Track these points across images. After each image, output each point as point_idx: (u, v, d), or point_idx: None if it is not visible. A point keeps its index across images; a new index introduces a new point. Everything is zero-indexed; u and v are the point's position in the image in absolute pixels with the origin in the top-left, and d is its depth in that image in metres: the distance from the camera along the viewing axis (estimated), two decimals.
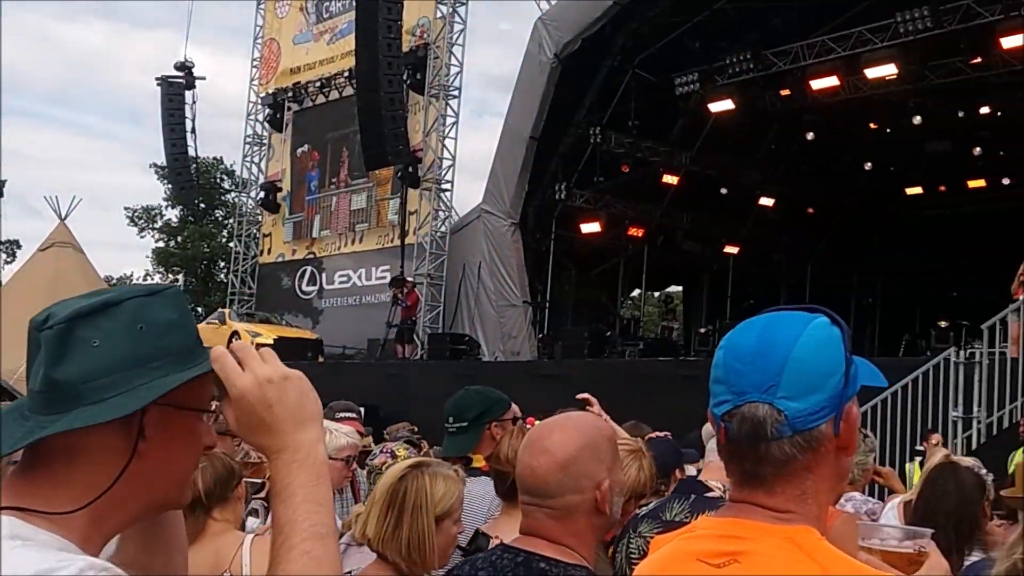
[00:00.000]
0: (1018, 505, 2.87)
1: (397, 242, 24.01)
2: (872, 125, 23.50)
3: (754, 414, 1.58)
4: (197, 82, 29.33)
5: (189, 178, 30.92)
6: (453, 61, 24.36)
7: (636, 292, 28.94)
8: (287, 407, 1.46)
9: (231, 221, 36.61)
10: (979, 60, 19.58)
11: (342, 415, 5.75)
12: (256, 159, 30.10)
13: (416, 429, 7.78)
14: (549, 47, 20.75)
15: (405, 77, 23.32)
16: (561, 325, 22.33)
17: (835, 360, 1.62)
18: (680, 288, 29.33)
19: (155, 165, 46.18)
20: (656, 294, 28.93)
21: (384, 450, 5.32)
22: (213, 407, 1.52)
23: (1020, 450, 10.65)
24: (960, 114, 21.53)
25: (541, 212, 23.12)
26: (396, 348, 21.98)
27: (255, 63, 30.03)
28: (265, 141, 29.74)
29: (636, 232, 24.89)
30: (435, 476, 3.07)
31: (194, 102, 29.42)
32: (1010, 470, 10.01)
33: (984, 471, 4.21)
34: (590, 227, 23.69)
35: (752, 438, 1.58)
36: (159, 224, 49.69)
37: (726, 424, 1.61)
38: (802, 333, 1.62)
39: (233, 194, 42.47)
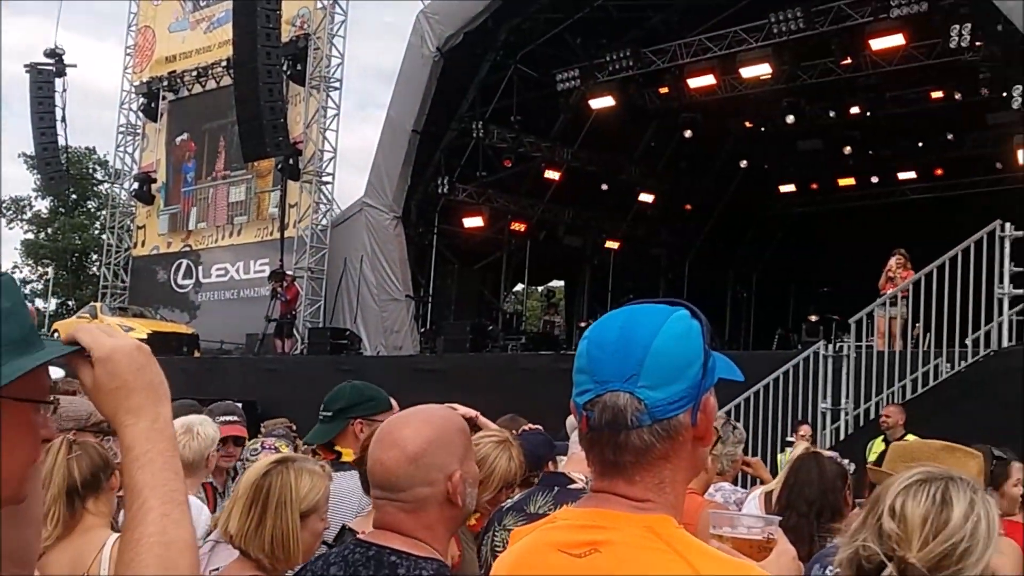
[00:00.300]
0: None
1: (277, 235, 23.66)
2: (747, 123, 24.05)
3: (615, 403, 1.60)
4: (68, 69, 28.40)
5: (59, 168, 29.89)
6: (334, 52, 24.12)
7: (519, 287, 29.09)
8: (151, 376, 1.47)
9: (104, 213, 35.62)
10: (849, 61, 20.18)
11: (223, 419, 5.44)
12: (130, 149, 29.35)
13: (294, 426, 7.66)
14: (431, 40, 20.68)
15: (285, 68, 22.98)
16: (443, 319, 22.31)
17: (694, 352, 1.65)
18: (562, 283, 29.57)
19: (24, 155, 44.66)
20: (540, 288, 29.09)
21: (267, 446, 5.22)
22: (51, 399, 1.45)
23: (879, 438, 11.03)
24: (831, 114, 22.16)
25: (424, 206, 23.05)
26: (275, 343, 21.66)
27: (129, 51, 29.24)
28: (139, 131, 28.99)
29: (518, 227, 25.02)
30: (300, 471, 3.01)
31: (64, 90, 28.49)
32: (868, 458, 10.37)
33: (846, 461, 4.34)
34: (473, 221, 23.73)
35: (613, 426, 1.60)
36: (28, 215, 48.11)
37: (588, 413, 1.63)
38: (663, 325, 1.65)
39: (106, 185, 41.26)
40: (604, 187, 25.35)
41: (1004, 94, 17.89)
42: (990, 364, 11.41)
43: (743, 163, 25.48)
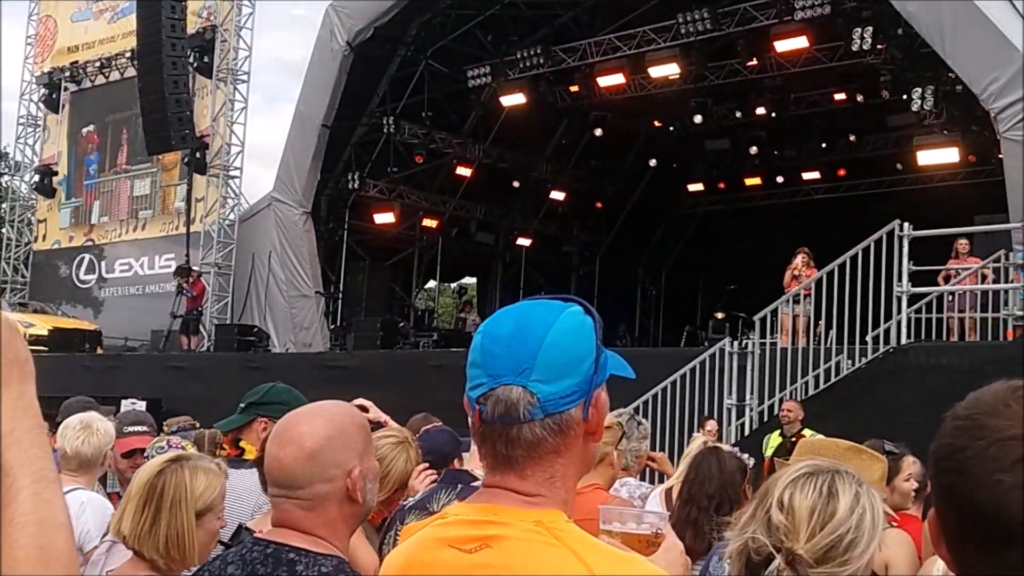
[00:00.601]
0: None
1: (183, 230, 23.22)
2: (656, 123, 24.32)
3: (508, 396, 1.61)
4: None
5: None
6: (242, 45, 23.76)
7: (431, 283, 29.02)
8: (16, 352, 1.38)
9: (3, 206, 34.60)
10: (755, 63, 20.52)
11: (132, 429, 5.14)
12: (30, 141, 28.52)
13: (198, 424, 7.54)
14: (341, 34, 20.51)
15: (191, 60, 22.59)
16: (354, 316, 22.15)
17: (587, 347, 1.67)
18: (474, 280, 29.59)
19: None
20: (452, 285, 29.06)
21: (173, 444, 5.12)
22: None
23: (775, 433, 11.26)
24: (738, 114, 22.51)
25: (334, 201, 22.87)
26: (181, 339, 21.29)
27: (29, 40, 28.43)
28: (40, 122, 28.21)
29: (430, 223, 24.97)
30: (195, 470, 2.97)
31: None
32: (765, 452, 10.59)
33: (745, 456, 4.42)
34: (384, 217, 23.61)
35: (505, 420, 1.61)
36: None
37: (480, 407, 1.64)
38: (556, 320, 1.66)
39: (5, 177, 40.11)
40: (516, 184, 25.43)
41: (904, 96, 18.35)
42: (889, 360, 11.71)
43: (652, 162, 25.75)
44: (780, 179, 25.54)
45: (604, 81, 21.41)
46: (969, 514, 1.33)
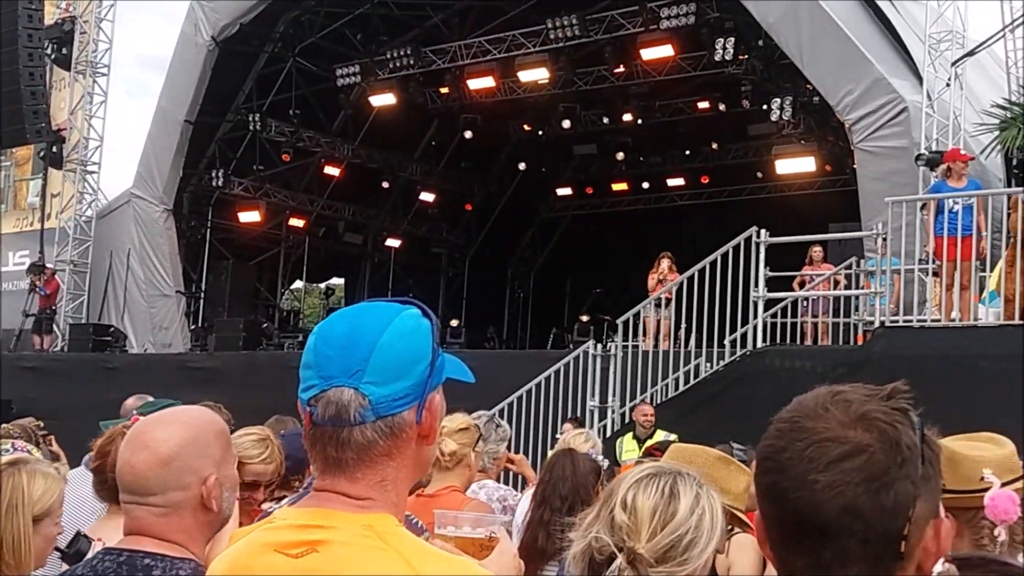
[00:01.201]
0: None
1: (37, 226, 22.40)
2: (526, 127, 24.47)
3: (339, 398, 1.59)
4: None
5: None
6: (102, 37, 22.98)
7: (297, 284, 28.61)
8: None
9: None
10: (623, 70, 20.84)
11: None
12: None
13: (42, 424, 7.25)
14: (206, 29, 20.07)
15: (49, 51, 21.80)
16: (216, 316, 21.67)
17: (422, 350, 1.66)
18: (342, 280, 29.27)
19: None
20: (321, 286, 28.67)
21: (18, 448, 4.89)
22: None
23: (628, 435, 11.46)
24: (605, 120, 22.84)
25: (197, 199, 22.36)
26: (34, 339, 20.56)
27: None
28: None
29: (297, 222, 24.61)
30: (33, 474, 2.86)
31: None
32: (620, 456, 10.77)
33: (600, 457, 4.47)
34: (249, 216, 23.18)
35: (336, 422, 1.59)
36: None
37: (311, 409, 1.62)
38: (392, 322, 1.66)
39: None
40: (385, 185, 25.26)
41: (764, 106, 18.90)
42: (745, 363, 12.01)
43: (522, 165, 25.92)
44: (646, 185, 25.98)
45: (474, 84, 21.46)
46: (789, 513, 1.37)
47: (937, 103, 15.05)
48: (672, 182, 25.68)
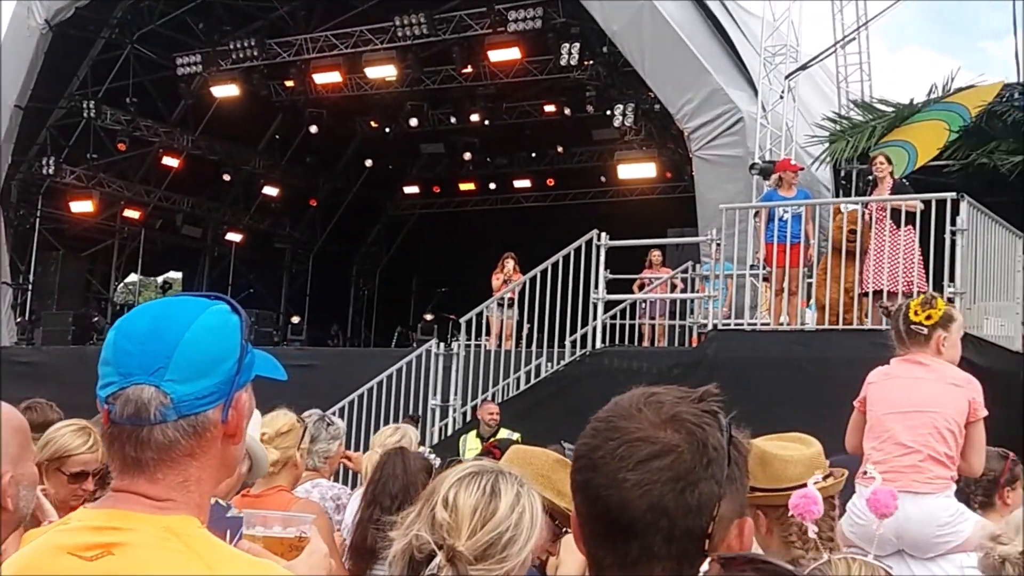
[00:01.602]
0: None
1: None
2: (373, 123, 24.28)
3: (139, 396, 1.54)
4: None
5: None
6: None
7: (133, 277, 27.72)
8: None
9: None
10: (470, 70, 20.91)
11: None
12: None
13: None
14: (39, 12, 19.26)
15: None
16: (44, 309, 20.81)
17: (229, 347, 1.62)
18: (180, 274, 28.47)
19: None
20: (159, 279, 27.83)
21: None
22: None
23: (472, 433, 11.53)
24: (453, 120, 22.87)
25: (26, 187, 21.44)
26: None
27: None
28: None
29: (132, 214, 23.82)
30: None
31: None
32: (461, 451, 10.81)
33: (432, 455, 4.47)
34: (81, 206, 22.35)
35: (135, 420, 1.54)
36: None
37: (110, 407, 1.56)
38: (198, 318, 1.61)
39: None
40: (227, 177, 24.70)
41: (608, 112, 19.23)
42: (584, 364, 12.20)
43: (368, 162, 25.74)
44: (493, 185, 26.12)
45: (320, 78, 21.20)
46: (600, 510, 1.39)
47: (771, 114, 15.60)
48: (518, 183, 25.90)
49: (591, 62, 18.89)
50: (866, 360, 4.83)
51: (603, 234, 12.21)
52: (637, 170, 22.14)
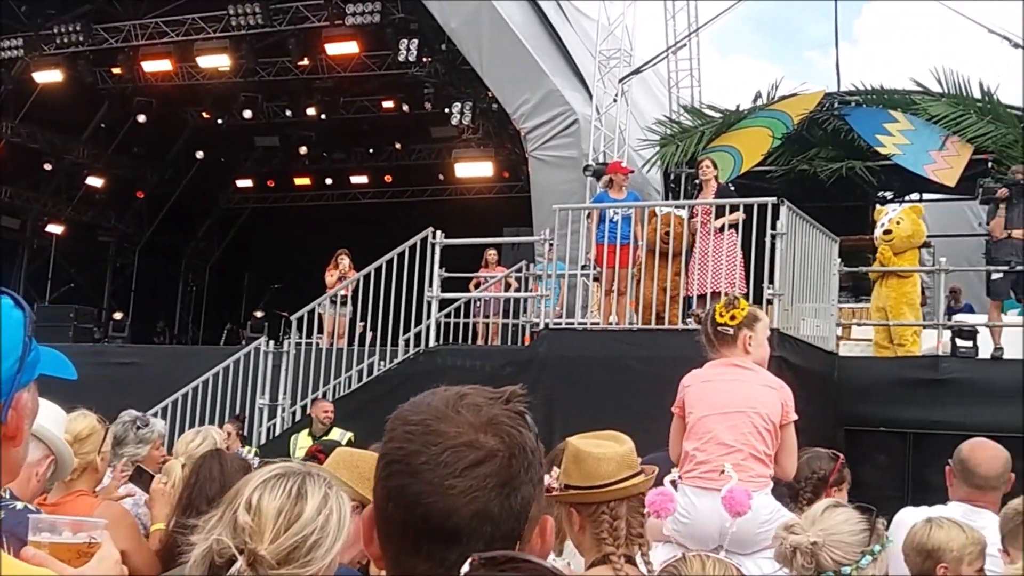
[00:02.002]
0: None
1: None
2: (205, 114, 23.67)
3: None
4: None
5: None
6: None
7: None
8: None
9: None
10: (307, 63, 20.60)
11: None
12: None
13: None
14: None
15: None
16: None
17: (9, 343, 1.52)
18: None
19: None
20: None
21: None
22: None
23: (304, 432, 11.35)
24: (288, 113, 22.51)
25: None
26: None
27: None
28: None
29: None
30: None
31: None
32: (291, 450, 10.65)
33: (251, 456, 4.37)
34: None
35: None
36: None
37: None
38: None
39: None
40: (48, 167, 23.70)
41: (446, 110, 19.24)
42: (418, 362, 12.14)
43: (200, 154, 25.07)
44: (329, 181, 25.83)
45: (149, 66, 20.54)
46: (419, 517, 1.36)
47: (605, 117, 15.89)
48: (355, 179, 25.68)
49: (429, 59, 18.86)
50: (691, 359, 4.92)
51: (438, 232, 12.17)
52: (475, 169, 22.23)
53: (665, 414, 4.79)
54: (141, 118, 22.77)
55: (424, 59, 18.79)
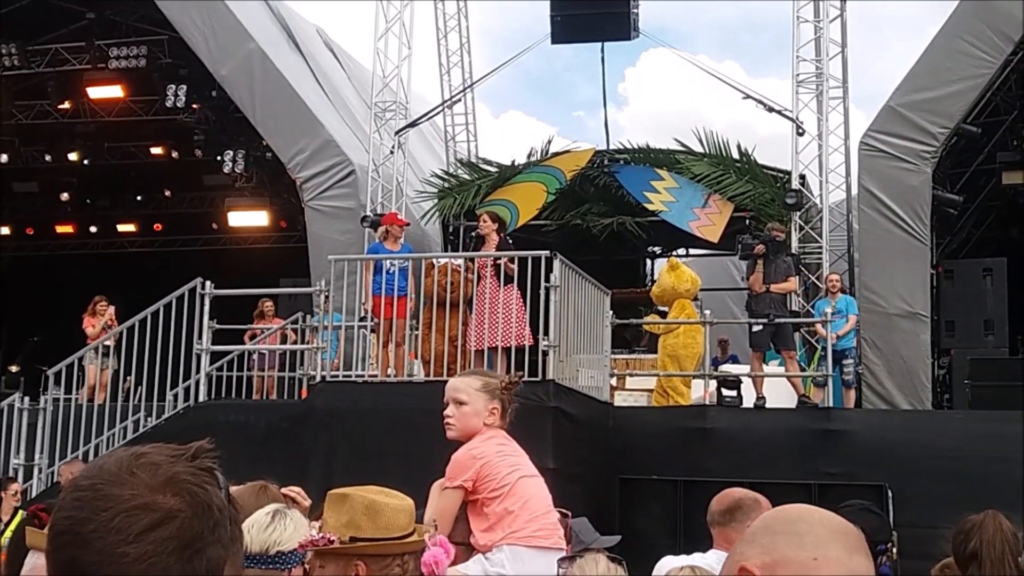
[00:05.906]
0: None
1: None
2: None
3: None
4: None
5: None
6: None
7: None
8: None
9: None
10: (68, 106, 19.74)
11: None
12: None
13: None
14: None
15: None
16: None
17: None
18: None
19: None
20: None
21: None
22: None
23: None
24: (48, 157, 21.43)
25: None
26: None
27: None
28: None
29: None
30: None
31: None
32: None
33: None
34: None
35: None
36: None
37: None
38: None
39: None
40: None
41: (218, 157, 18.77)
42: (187, 417, 11.68)
43: None
44: (94, 228, 24.65)
45: None
46: None
47: (382, 168, 15.90)
48: (122, 227, 24.59)
49: (199, 105, 18.37)
50: None
51: (207, 283, 11.79)
52: (249, 218, 21.73)
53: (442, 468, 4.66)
54: None
55: (194, 105, 18.30)
